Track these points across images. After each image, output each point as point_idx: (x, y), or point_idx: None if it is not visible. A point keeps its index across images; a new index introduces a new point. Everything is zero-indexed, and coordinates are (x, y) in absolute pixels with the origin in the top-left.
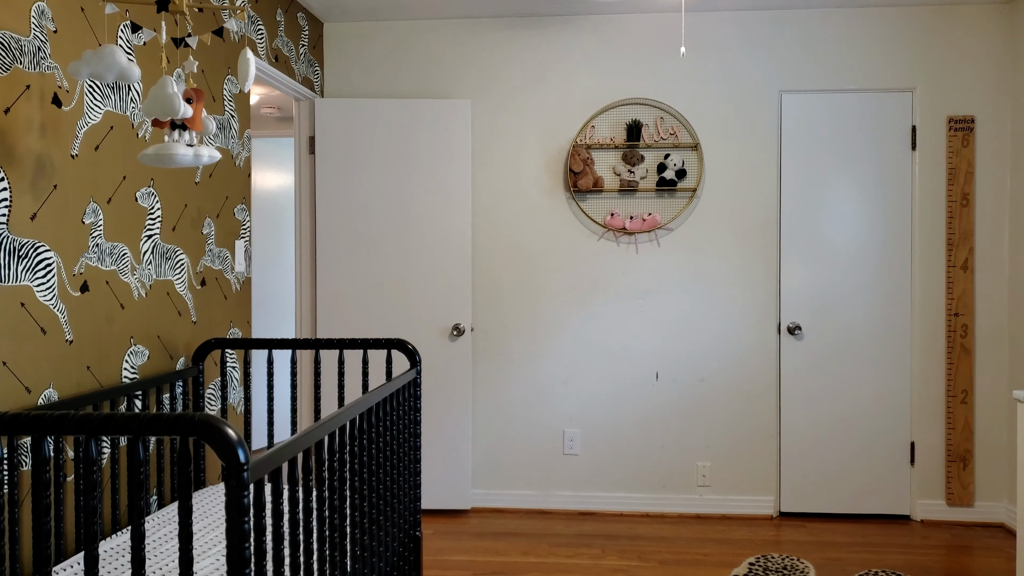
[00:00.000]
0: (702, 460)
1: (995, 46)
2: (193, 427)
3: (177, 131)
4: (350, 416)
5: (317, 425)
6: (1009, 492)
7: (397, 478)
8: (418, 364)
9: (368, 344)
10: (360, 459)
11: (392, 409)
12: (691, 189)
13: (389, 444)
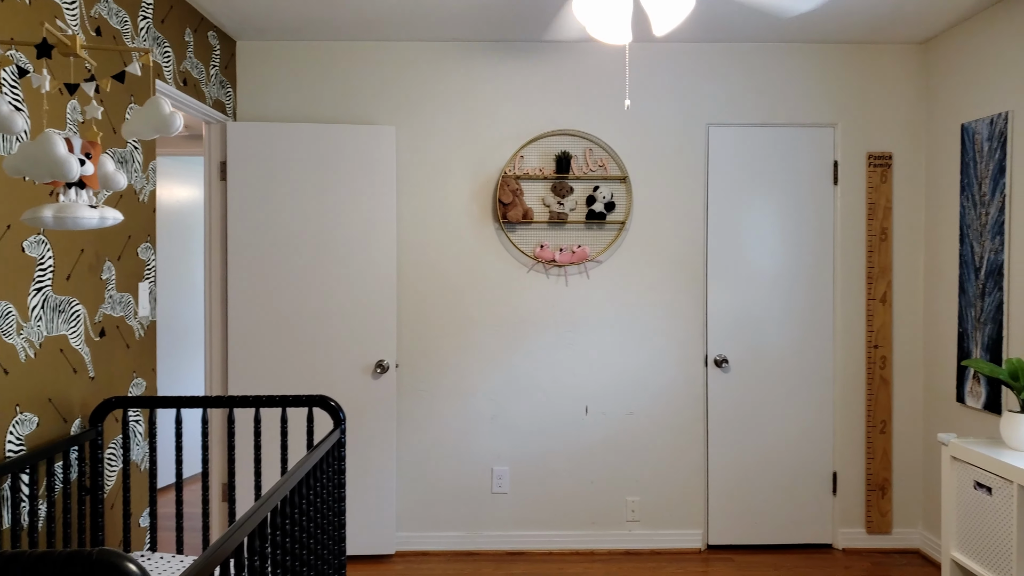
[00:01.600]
0: (632, 495)
1: (911, 86)
2: (91, 567)
3: (74, 189)
4: (271, 507)
5: (233, 530)
6: (924, 518)
7: (320, 550)
8: (342, 423)
9: (287, 402)
10: (283, 546)
11: (316, 481)
12: (620, 222)
13: (313, 518)
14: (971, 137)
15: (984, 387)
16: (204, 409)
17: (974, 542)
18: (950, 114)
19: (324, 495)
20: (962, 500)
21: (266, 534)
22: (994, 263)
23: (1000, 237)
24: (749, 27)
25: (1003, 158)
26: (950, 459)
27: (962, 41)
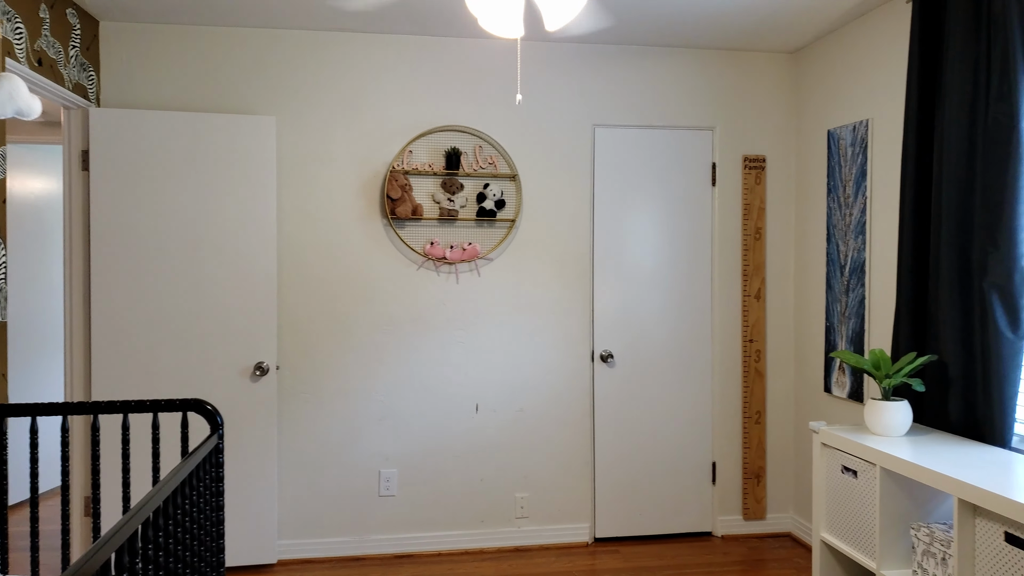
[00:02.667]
0: (521, 491)
1: (783, 92)
2: None
3: None
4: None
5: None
6: (794, 503)
7: (198, 563)
8: (220, 427)
9: (159, 406)
10: (156, 562)
11: (192, 490)
12: (510, 219)
13: (189, 529)
14: (836, 142)
15: (849, 377)
16: (64, 417)
17: (842, 523)
18: (818, 120)
19: (201, 504)
20: (831, 484)
21: (137, 549)
22: (857, 261)
23: (863, 236)
24: (635, 29)
25: (864, 162)
26: (820, 446)
27: (829, 52)
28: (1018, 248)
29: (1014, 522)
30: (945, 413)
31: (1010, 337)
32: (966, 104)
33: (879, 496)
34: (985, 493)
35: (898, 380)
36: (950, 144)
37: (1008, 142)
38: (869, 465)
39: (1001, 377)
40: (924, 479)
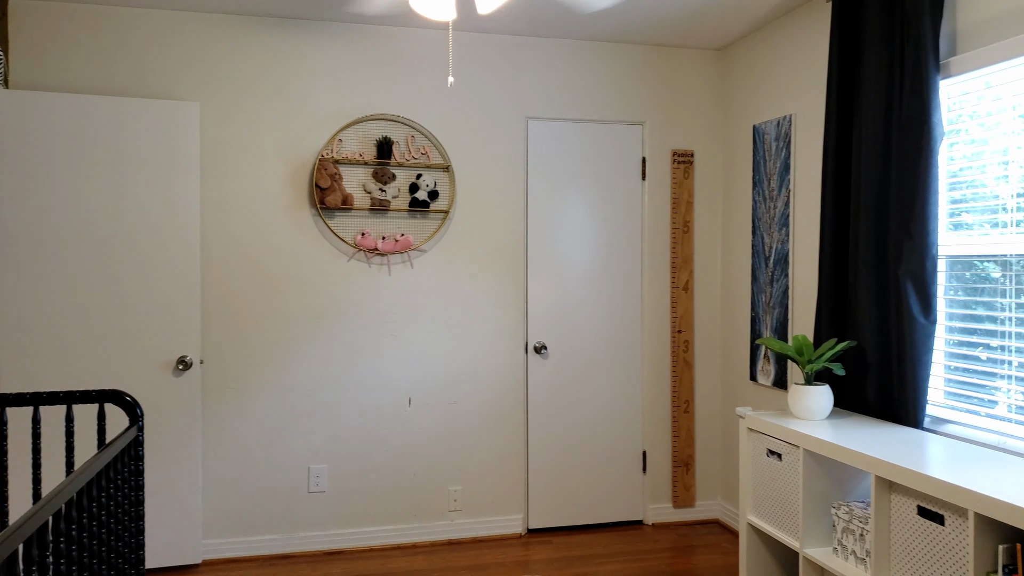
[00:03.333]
0: (454, 485)
1: (710, 88)
2: None
3: None
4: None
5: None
6: (722, 490)
7: (115, 559)
8: (140, 419)
9: (74, 398)
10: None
11: (109, 483)
12: (444, 211)
13: (106, 523)
14: (761, 137)
15: (773, 366)
16: None
17: (767, 506)
18: (744, 115)
19: (119, 498)
20: (757, 467)
21: (47, 542)
22: (781, 252)
23: (786, 229)
24: (565, 23)
25: (788, 157)
26: (746, 430)
27: (754, 49)
28: (930, 237)
29: (926, 495)
30: (864, 396)
31: (923, 322)
32: (882, 100)
33: (802, 477)
34: (900, 469)
35: (820, 365)
36: (867, 138)
37: (920, 136)
38: (793, 448)
39: (915, 361)
40: (844, 459)
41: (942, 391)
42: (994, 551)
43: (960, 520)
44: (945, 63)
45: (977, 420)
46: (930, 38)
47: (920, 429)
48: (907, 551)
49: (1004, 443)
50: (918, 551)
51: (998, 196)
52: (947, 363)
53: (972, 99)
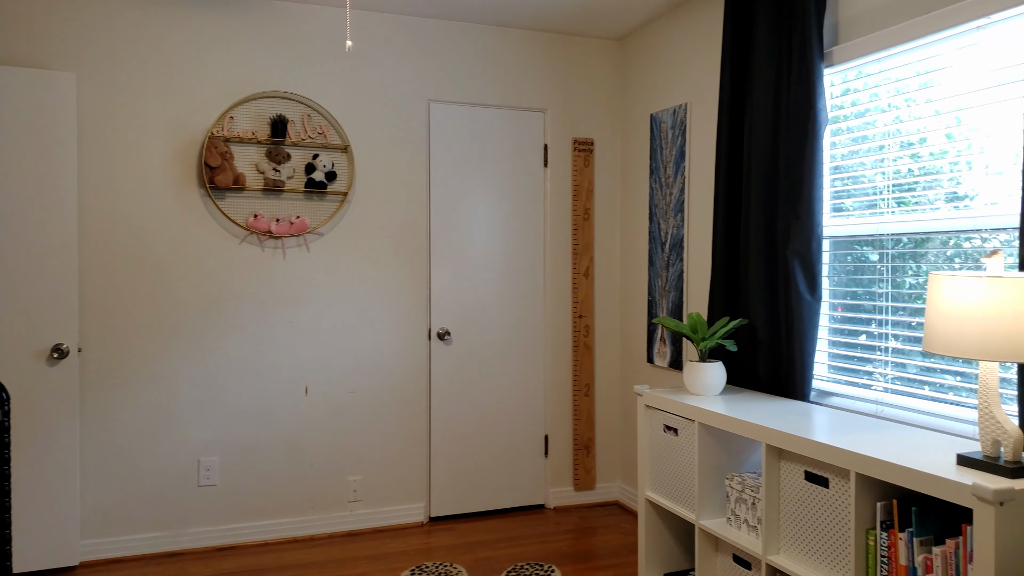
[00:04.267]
0: (354, 475)
1: (609, 77)
2: None
3: None
4: None
5: None
6: (622, 472)
7: None
8: (5, 403)
9: None
10: None
11: None
12: (342, 192)
13: None
14: (658, 126)
15: (669, 347)
16: None
17: (665, 481)
18: (642, 104)
19: None
20: (654, 444)
21: None
22: (676, 238)
23: (681, 214)
24: (468, 6)
25: (683, 144)
26: (644, 407)
27: (651, 39)
28: (816, 218)
29: (812, 460)
30: (755, 372)
31: (809, 300)
32: (771, 88)
33: (697, 451)
34: (788, 437)
35: (713, 342)
36: (758, 125)
37: (806, 122)
38: (688, 422)
39: (802, 336)
40: (737, 430)
41: (826, 365)
42: (873, 509)
43: (843, 482)
44: (828, 52)
45: (858, 391)
46: (815, 28)
47: (807, 401)
48: (795, 515)
49: (881, 411)
50: (805, 515)
51: (875, 185)
52: (831, 339)
53: (852, 91)
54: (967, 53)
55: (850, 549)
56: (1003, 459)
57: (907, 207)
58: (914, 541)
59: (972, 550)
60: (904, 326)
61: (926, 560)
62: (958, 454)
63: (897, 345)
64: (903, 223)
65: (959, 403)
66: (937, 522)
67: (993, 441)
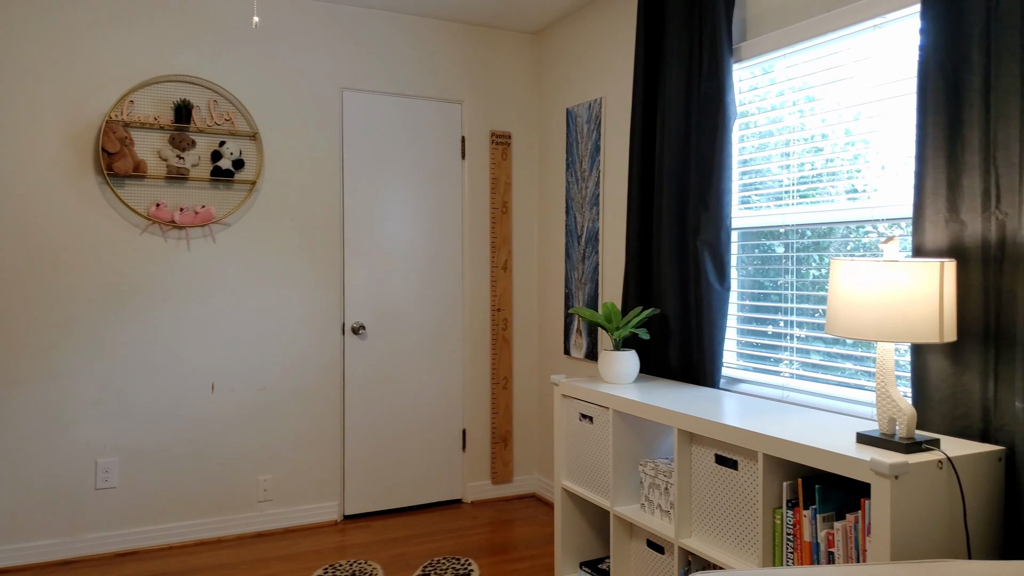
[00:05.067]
0: (264, 473)
1: (526, 71)
2: None
3: None
4: None
5: None
6: (539, 464)
7: None
8: None
9: None
10: None
11: None
12: (251, 181)
13: None
14: (574, 120)
15: (585, 339)
16: None
17: (581, 469)
18: (557, 98)
19: None
20: (570, 433)
21: None
22: (592, 231)
23: (597, 208)
24: None
25: (599, 138)
26: (561, 397)
27: (567, 33)
28: (725, 210)
29: (722, 443)
30: (667, 361)
31: (718, 289)
32: (683, 82)
33: (612, 438)
34: (699, 421)
35: (627, 331)
36: (670, 118)
37: (716, 114)
38: (603, 410)
39: (712, 325)
40: (650, 415)
41: (735, 353)
42: (779, 489)
43: (751, 463)
44: (737, 48)
45: (765, 378)
46: (724, 23)
47: (717, 388)
48: (706, 498)
49: (787, 396)
50: (716, 497)
51: (780, 178)
52: (740, 327)
53: (759, 87)
54: (866, 53)
55: (758, 528)
56: (898, 436)
57: (810, 200)
58: (817, 518)
59: (870, 523)
60: (808, 314)
61: (828, 535)
62: (857, 432)
63: (802, 333)
64: (806, 214)
65: (858, 386)
66: (839, 499)
67: (889, 419)
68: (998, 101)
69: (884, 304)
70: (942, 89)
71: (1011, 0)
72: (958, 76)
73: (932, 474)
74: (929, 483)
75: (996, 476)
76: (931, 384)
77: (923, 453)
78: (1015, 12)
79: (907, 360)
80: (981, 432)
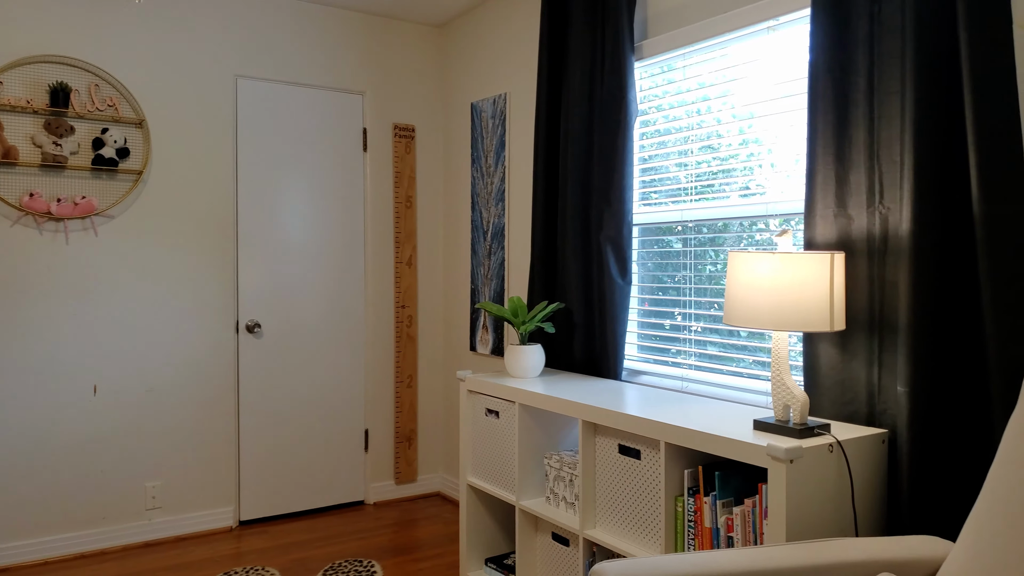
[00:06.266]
0: (152, 480)
1: (431, 64)
2: None
3: None
4: None
5: None
6: (443, 463)
7: None
8: None
9: None
10: None
11: None
12: (137, 171)
13: None
14: (479, 115)
15: (491, 334)
16: None
17: (486, 465)
18: (462, 93)
19: None
20: (476, 429)
21: None
22: (498, 226)
23: (502, 203)
24: None
25: (504, 134)
26: (467, 393)
27: (471, 27)
28: (626, 205)
29: (625, 433)
30: (571, 354)
31: (620, 283)
32: (586, 78)
33: (518, 432)
34: (603, 412)
35: (532, 325)
36: (574, 115)
37: (619, 112)
38: (509, 404)
39: (614, 318)
40: (555, 408)
41: (637, 346)
42: (681, 476)
43: (653, 452)
44: (639, 46)
45: (665, 369)
46: (626, 20)
47: (619, 380)
48: (610, 489)
49: (687, 387)
50: (619, 487)
51: (679, 175)
52: (641, 320)
53: (659, 85)
54: (760, 54)
55: (660, 516)
56: (792, 422)
57: (707, 197)
58: (717, 503)
59: (767, 507)
60: (705, 307)
61: (728, 520)
62: (754, 420)
63: (699, 326)
64: (703, 210)
65: (753, 376)
66: (737, 484)
67: (784, 406)
68: (881, 103)
69: (778, 295)
70: (831, 90)
71: (892, 5)
72: (845, 78)
73: (824, 457)
74: (821, 466)
75: (880, 457)
76: (822, 371)
77: (815, 438)
78: (896, 17)
79: (800, 349)
80: (867, 416)
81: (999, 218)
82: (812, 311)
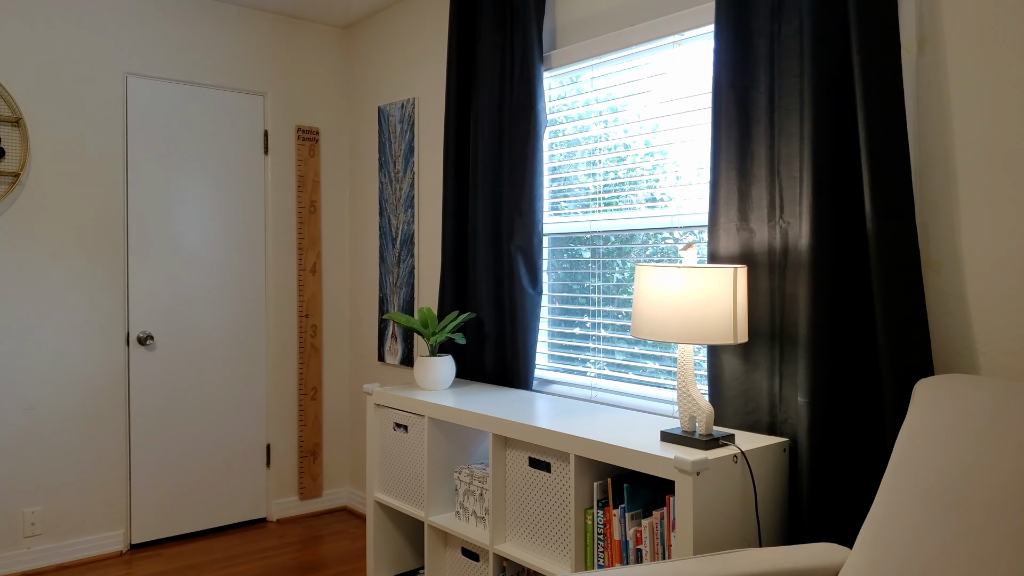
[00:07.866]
0: (32, 505)
1: (336, 66)
2: None
3: None
4: None
5: None
6: (350, 476)
7: None
8: None
9: None
10: None
11: None
12: (13, 173)
13: None
14: (387, 119)
15: (401, 344)
16: None
17: (394, 480)
18: (369, 96)
19: None
20: (384, 443)
21: None
22: (407, 233)
23: (412, 210)
24: None
25: (412, 139)
26: (374, 407)
27: (379, 30)
28: (537, 215)
29: (535, 446)
30: (482, 365)
31: (531, 292)
32: (496, 86)
33: (427, 446)
34: (513, 424)
35: (443, 336)
36: (483, 122)
37: (528, 121)
38: (418, 418)
39: (525, 328)
40: (465, 421)
41: (547, 355)
42: (590, 489)
43: (563, 465)
44: (548, 55)
45: (575, 379)
46: (535, 29)
47: (530, 390)
48: (521, 503)
49: (595, 396)
50: (530, 501)
51: (587, 186)
52: (551, 330)
53: (567, 95)
54: (665, 68)
55: (570, 529)
56: (698, 433)
57: (614, 207)
58: (626, 516)
59: (675, 518)
60: (613, 316)
61: (636, 532)
62: (661, 431)
63: (607, 334)
64: (610, 221)
65: (660, 384)
66: (646, 496)
67: (690, 417)
68: (781, 119)
69: (684, 308)
70: (734, 106)
71: (791, 27)
72: (747, 94)
73: (728, 468)
74: (726, 477)
75: (782, 466)
76: (726, 382)
77: (721, 449)
78: (794, 37)
79: (704, 359)
80: (768, 425)
81: (890, 233)
82: (716, 324)
